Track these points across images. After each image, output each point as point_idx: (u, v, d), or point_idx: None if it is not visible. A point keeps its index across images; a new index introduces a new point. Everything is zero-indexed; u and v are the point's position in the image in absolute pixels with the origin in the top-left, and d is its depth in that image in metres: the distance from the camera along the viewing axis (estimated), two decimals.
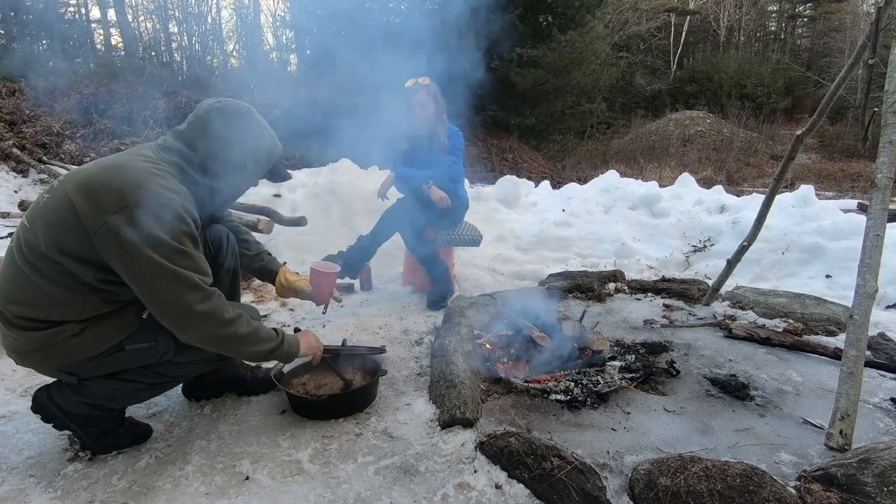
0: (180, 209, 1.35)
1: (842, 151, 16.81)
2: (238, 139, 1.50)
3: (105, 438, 1.57)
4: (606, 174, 5.51)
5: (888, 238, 1.84)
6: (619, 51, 20.91)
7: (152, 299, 1.35)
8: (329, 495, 1.39)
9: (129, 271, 1.31)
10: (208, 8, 13.21)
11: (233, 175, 1.54)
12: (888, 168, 1.56)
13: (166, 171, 1.42)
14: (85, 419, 1.52)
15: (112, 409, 1.57)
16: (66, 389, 1.50)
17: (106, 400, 1.52)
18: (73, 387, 1.49)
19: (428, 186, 2.98)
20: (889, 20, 2.03)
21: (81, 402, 1.50)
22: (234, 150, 1.49)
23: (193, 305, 1.35)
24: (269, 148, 1.62)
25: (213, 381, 1.88)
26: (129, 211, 1.28)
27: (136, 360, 1.49)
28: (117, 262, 1.31)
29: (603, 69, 13.36)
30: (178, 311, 1.36)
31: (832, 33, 24.16)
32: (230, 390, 1.94)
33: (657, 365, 2.11)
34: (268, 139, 1.61)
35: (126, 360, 1.47)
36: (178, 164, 1.46)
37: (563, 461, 1.39)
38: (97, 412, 1.53)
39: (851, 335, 1.55)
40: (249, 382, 1.94)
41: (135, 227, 1.28)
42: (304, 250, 3.82)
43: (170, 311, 1.36)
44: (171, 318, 1.37)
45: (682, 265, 3.97)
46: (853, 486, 1.26)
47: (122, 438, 1.60)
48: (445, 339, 2.14)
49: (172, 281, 1.32)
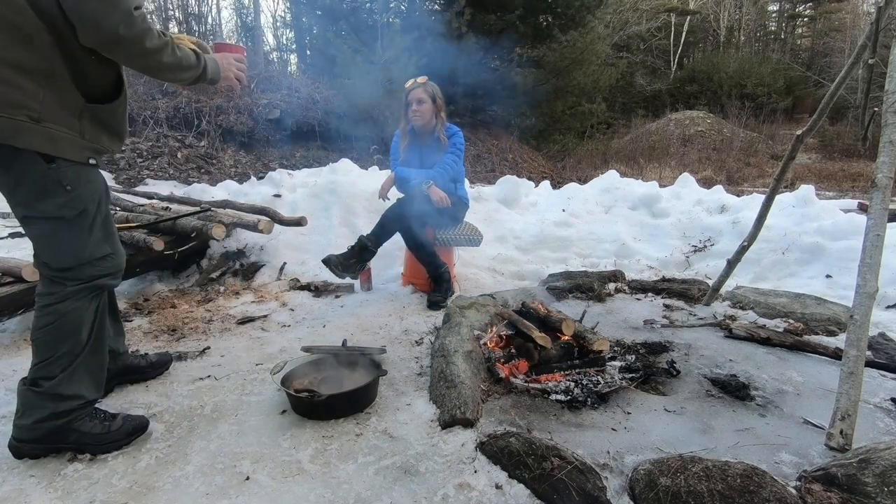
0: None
1: (842, 151, 16.82)
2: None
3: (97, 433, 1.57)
4: (606, 174, 5.51)
5: (888, 238, 1.83)
6: (619, 51, 20.93)
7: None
8: (329, 495, 1.39)
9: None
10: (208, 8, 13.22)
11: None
12: (888, 168, 1.56)
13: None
14: (52, 431, 1.51)
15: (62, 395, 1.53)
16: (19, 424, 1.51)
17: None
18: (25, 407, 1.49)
19: (428, 186, 2.98)
20: (889, 20, 2.03)
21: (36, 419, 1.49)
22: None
23: (118, 29, 1.29)
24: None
25: (109, 376, 1.82)
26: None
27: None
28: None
29: (603, 69, 13.39)
30: (104, 34, 1.30)
31: (832, 33, 24.18)
32: (128, 380, 1.98)
33: (657, 365, 2.11)
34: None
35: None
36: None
37: (564, 461, 1.39)
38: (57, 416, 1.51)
39: (852, 335, 1.55)
40: (144, 369, 2.03)
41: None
42: (304, 250, 3.82)
43: (97, 34, 1.30)
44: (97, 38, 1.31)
45: (682, 265, 3.97)
46: (854, 486, 1.26)
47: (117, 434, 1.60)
48: (445, 339, 2.14)
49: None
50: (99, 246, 1.53)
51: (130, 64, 1.44)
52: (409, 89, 3.08)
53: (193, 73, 1.54)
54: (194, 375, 2.11)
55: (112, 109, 1.50)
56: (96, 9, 1.27)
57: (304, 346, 2.28)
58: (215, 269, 3.49)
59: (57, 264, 1.48)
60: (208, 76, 1.60)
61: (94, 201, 1.50)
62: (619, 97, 21.49)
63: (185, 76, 1.53)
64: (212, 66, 1.61)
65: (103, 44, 1.34)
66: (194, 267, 3.51)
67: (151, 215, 3.49)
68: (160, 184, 6.36)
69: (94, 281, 1.53)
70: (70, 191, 1.42)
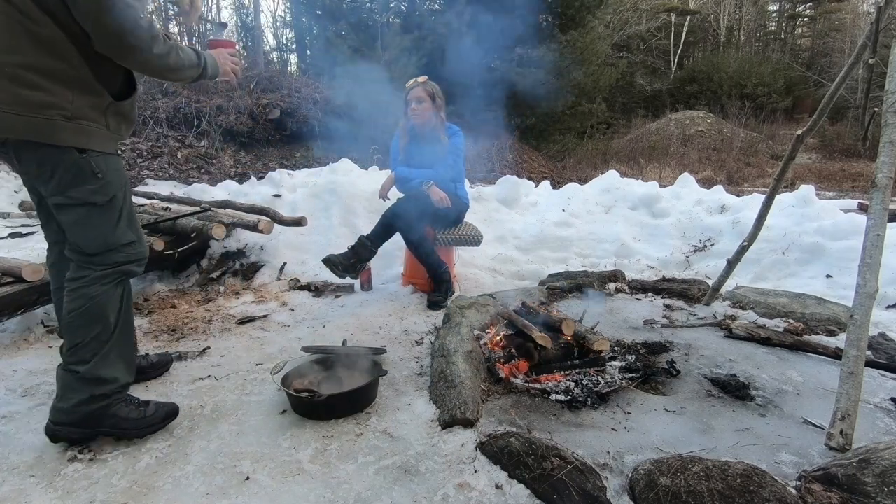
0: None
1: (842, 151, 16.82)
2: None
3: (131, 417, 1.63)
4: (606, 174, 5.51)
5: (888, 238, 1.83)
6: (619, 51, 20.92)
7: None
8: (329, 495, 1.39)
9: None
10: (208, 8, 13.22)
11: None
12: (888, 168, 1.56)
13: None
14: (90, 414, 1.56)
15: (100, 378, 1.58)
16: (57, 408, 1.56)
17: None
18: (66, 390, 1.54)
19: (428, 186, 2.98)
20: (889, 20, 2.03)
21: (76, 402, 1.54)
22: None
23: (128, 38, 1.39)
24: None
25: None
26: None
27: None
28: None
29: (603, 69, 13.39)
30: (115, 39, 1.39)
31: (832, 33, 24.19)
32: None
33: (657, 365, 2.11)
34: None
35: None
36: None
37: (564, 461, 1.39)
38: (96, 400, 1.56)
39: (852, 335, 1.55)
40: (145, 369, 2.04)
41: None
42: (304, 250, 3.82)
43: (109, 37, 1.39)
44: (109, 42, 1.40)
45: (682, 265, 3.97)
46: (854, 485, 1.26)
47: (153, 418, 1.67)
48: (445, 339, 2.14)
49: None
50: (124, 233, 1.61)
51: (140, 69, 1.55)
52: (409, 88, 3.09)
53: (195, 71, 1.64)
54: (194, 375, 2.11)
55: (132, 103, 1.62)
56: (108, 21, 1.37)
57: (304, 346, 2.28)
58: (215, 269, 3.49)
59: (88, 249, 1.56)
60: (209, 73, 1.69)
61: (122, 188, 1.60)
62: (619, 97, 21.48)
63: (188, 75, 1.62)
64: (211, 63, 1.70)
65: (116, 52, 1.44)
66: (194, 267, 3.51)
67: (151, 215, 3.49)
68: (160, 184, 6.36)
69: (120, 267, 1.61)
70: (101, 178, 1.53)
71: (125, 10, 1.37)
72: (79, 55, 1.42)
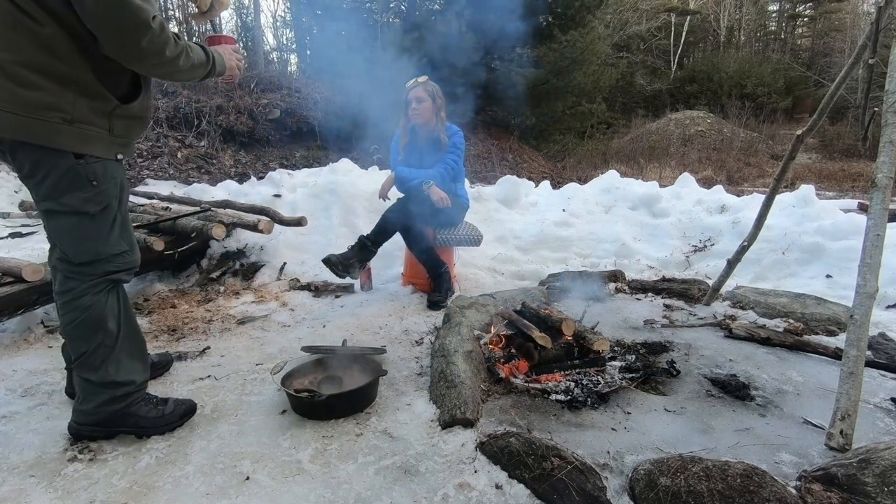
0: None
1: (842, 151, 16.83)
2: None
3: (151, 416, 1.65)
4: (606, 174, 5.51)
5: (888, 238, 1.83)
6: (619, 51, 20.92)
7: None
8: (329, 495, 1.39)
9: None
10: None
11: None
12: (888, 168, 1.56)
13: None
14: (112, 415, 1.59)
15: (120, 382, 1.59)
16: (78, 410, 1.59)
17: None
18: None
19: (428, 186, 2.98)
20: (889, 20, 2.03)
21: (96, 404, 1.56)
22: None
23: (140, 41, 1.33)
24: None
25: None
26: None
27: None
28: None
29: (603, 69, 13.39)
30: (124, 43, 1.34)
31: (832, 33, 24.19)
32: None
33: (657, 365, 2.11)
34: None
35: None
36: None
37: (564, 461, 1.39)
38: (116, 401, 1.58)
39: (852, 335, 1.55)
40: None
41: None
42: (304, 250, 3.82)
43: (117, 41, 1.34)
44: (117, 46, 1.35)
45: (682, 265, 3.97)
46: (854, 486, 1.26)
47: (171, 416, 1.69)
48: (445, 339, 2.14)
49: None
50: (117, 243, 1.57)
51: (151, 72, 1.49)
52: (409, 88, 3.09)
53: (204, 69, 1.60)
54: (194, 375, 2.11)
55: (141, 103, 1.56)
56: (118, 25, 1.31)
57: (304, 346, 2.28)
58: (215, 269, 3.49)
59: (77, 259, 1.52)
60: (217, 70, 1.65)
61: (116, 197, 1.55)
62: (619, 97, 21.49)
63: (198, 74, 1.59)
64: (218, 60, 1.66)
65: (126, 57, 1.39)
66: (194, 267, 3.51)
67: (151, 215, 3.49)
68: (160, 184, 6.36)
69: (108, 276, 1.58)
70: (96, 186, 1.47)
71: (136, 12, 1.30)
72: (81, 56, 1.36)
